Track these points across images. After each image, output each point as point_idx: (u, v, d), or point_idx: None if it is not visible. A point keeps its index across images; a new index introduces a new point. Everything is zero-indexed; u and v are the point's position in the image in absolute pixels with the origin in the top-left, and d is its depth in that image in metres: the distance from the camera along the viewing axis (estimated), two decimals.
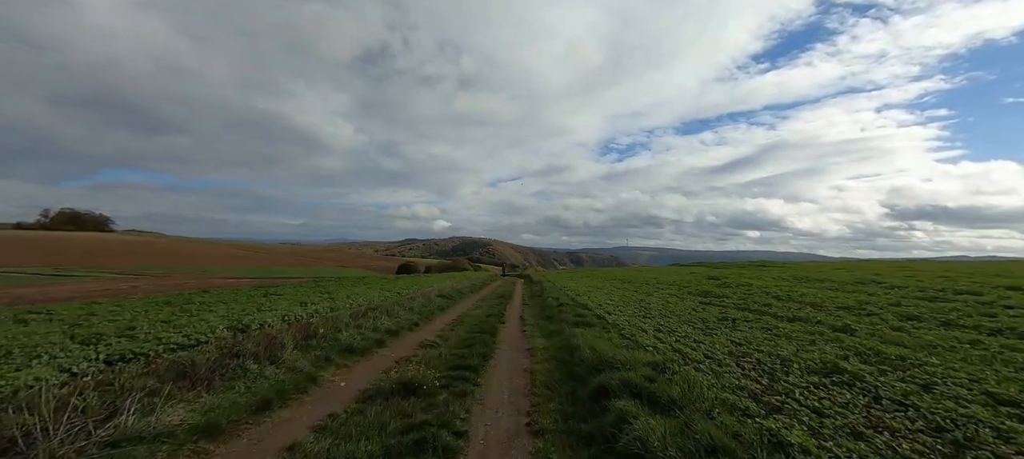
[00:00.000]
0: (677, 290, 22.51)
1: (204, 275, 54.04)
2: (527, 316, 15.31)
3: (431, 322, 13.06)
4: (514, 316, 15.74)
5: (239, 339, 6.72)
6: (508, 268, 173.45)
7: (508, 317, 15.30)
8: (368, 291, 20.57)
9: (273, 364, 6.17)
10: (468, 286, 26.62)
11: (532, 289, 31.46)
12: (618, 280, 34.49)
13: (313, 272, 72.90)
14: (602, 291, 23.36)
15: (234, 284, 33.20)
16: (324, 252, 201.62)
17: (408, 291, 19.82)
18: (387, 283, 28.93)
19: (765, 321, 11.09)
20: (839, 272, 28.65)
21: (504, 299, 22.03)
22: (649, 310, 14.20)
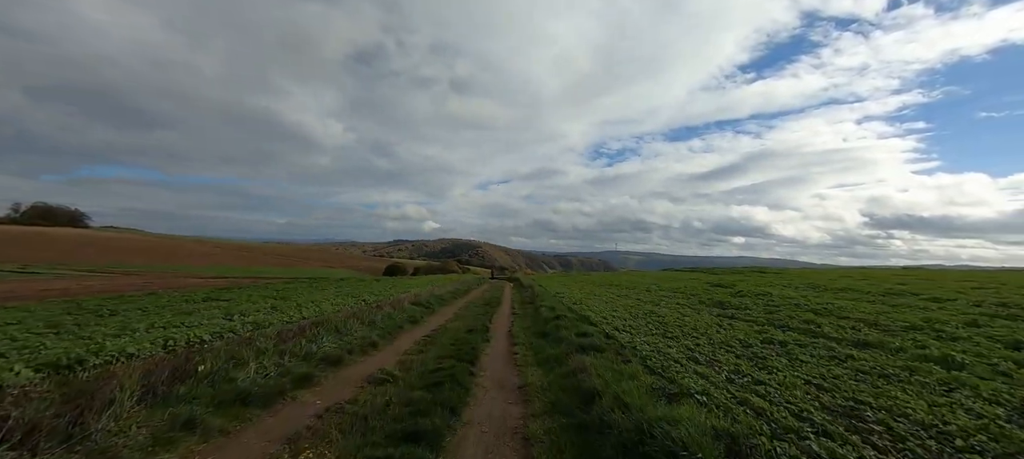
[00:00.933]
0: (685, 298, 20.03)
1: (172, 274, 50.48)
2: (517, 330, 12.62)
3: (395, 340, 10.30)
4: (501, 330, 13.04)
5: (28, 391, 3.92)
6: (497, 270, 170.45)
7: (494, 332, 12.62)
8: (333, 297, 17.75)
9: (67, 443, 3.43)
10: (451, 291, 23.85)
11: (522, 295, 28.80)
12: (615, 286, 31.99)
13: (295, 272, 69.40)
14: (601, 299, 20.79)
15: (198, 285, 30.22)
16: (310, 252, 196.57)
17: (380, 297, 17.03)
18: (363, 286, 26.05)
19: (825, 347, 8.56)
20: (853, 280, 26.45)
21: (491, 307, 19.33)
22: (666, 325, 11.61)
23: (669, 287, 27.48)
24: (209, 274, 53.56)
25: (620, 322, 12.22)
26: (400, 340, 10.32)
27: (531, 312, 17.43)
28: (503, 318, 16.08)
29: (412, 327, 12.46)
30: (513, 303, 22.18)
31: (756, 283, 26.11)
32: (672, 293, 22.92)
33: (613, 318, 13.18)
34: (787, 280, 28.57)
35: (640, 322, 12.45)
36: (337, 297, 17.27)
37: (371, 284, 30.11)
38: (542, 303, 18.45)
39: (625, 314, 14.53)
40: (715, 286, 25.83)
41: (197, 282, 35.03)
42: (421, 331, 11.91)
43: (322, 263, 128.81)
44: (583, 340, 9.19)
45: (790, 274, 39.34)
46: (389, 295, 18.08)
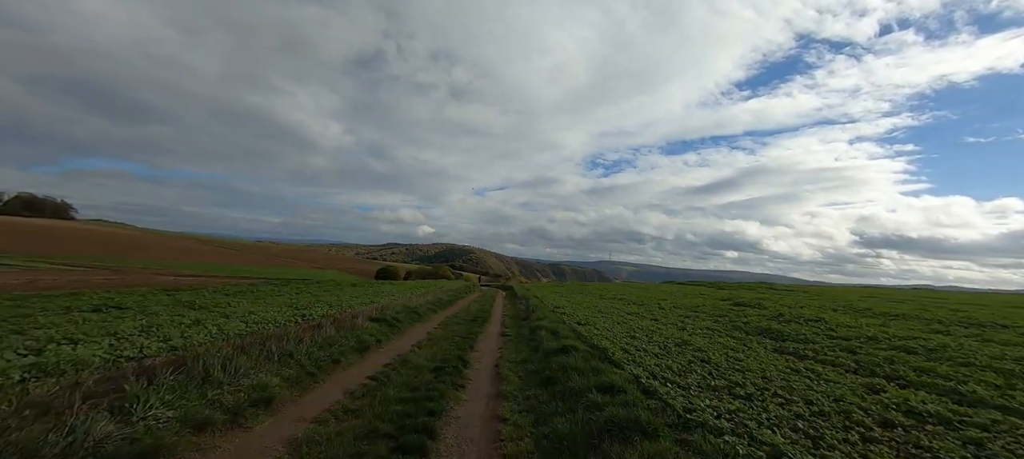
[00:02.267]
0: (711, 320, 16.54)
1: (149, 271, 46.57)
2: (508, 369, 8.94)
3: (308, 392, 6.48)
4: (485, 366, 9.38)
5: None
6: (491, 277, 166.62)
7: (475, 369, 8.99)
8: (284, 307, 14.09)
9: None
10: (432, 301, 20.09)
11: (516, 307, 25.20)
12: (620, 299, 28.46)
13: (280, 272, 65.62)
14: (609, 317, 17.24)
15: (168, 282, 27.42)
16: (299, 252, 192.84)
17: (335, 309, 13.34)
18: (328, 293, 22.32)
19: (955, 411, 5.07)
20: (905, 304, 23.10)
21: (476, 325, 15.73)
22: (716, 366, 8.05)
23: (682, 303, 23.99)
24: (189, 272, 49.80)
25: (652, 361, 8.62)
26: (315, 392, 6.53)
27: (526, 334, 13.83)
28: (490, 343, 12.45)
29: (356, 359, 8.75)
30: (504, 319, 18.55)
31: (783, 303, 22.67)
32: (692, 313, 19.40)
33: (638, 352, 9.59)
34: (818, 300, 25.15)
35: (677, 359, 8.88)
36: (285, 309, 13.57)
37: (342, 290, 26.38)
38: (540, 322, 14.87)
39: (649, 344, 10.96)
40: (737, 305, 22.36)
41: (170, 279, 32.12)
42: (366, 367, 8.26)
43: (312, 264, 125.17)
44: (611, 400, 5.63)
45: (812, 293, 35.97)
46: (350, 305, 14.42)
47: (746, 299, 25.36)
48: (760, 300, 23.36)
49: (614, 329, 13.52)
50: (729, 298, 28.21)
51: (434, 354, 9.30)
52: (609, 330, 13.27)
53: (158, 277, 34.90)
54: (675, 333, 12.89)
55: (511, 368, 8.91)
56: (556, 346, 9.77)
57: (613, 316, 17.73)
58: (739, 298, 26.28)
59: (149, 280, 29.48)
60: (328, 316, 10.95)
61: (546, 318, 15.72)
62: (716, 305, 22.17)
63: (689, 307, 21.97)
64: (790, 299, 25.54)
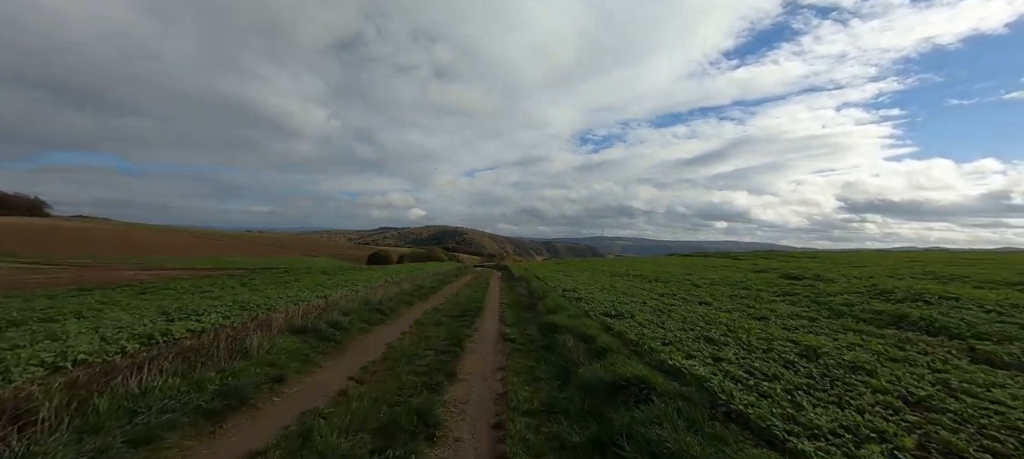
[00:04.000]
0: (783, 302, 12.42)
1: (126, 266, 42.06)
2: (522, 427, 4.57)
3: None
4: (477, 432, 4.94)
5: None
6: (485, 257, 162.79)
7: (457, 418, 4.64)
8: (229, 304, 9.73)
9: None
10: (404, 292, 15.31)
11: (515, 291, 20.95)
12: (635, 276, 24.33)
13: (268, 262, 61.37)
14: (640, 301, 13.06)
15: (144, 277, 24.47)
16: (290, 240, 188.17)
17: (243, 313, 9.02)
18: (279, 285, 17.96)
19: None
20: (921, 265, 19.16)
21: (465, 321, 11.41)
22: (956, 414, 3.89)
23: (721, 281, 19.88)
24: (172, 265, 45.62)
25: (808, 401, 4.36)
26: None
27: (537, 337, 9.54)
28: (484, 358, 8.11)
29: (235, 419, 4.44)
30: (503, 311, 14.23)
31: (839, 272, 18.63)
32: (743, 290, 15.24)
33: (762, 380, 5.30)
34: (871, 268, 21.15)
35: (802, 377, 4.63)
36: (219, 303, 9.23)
37: (306, 277, 22.11)
38: (553, 315, 10.62)
39: (753, 353, 6.71)
40: (788, 278, 18.29)
41: (146, 275, 28.50)
42: (278, 415, 3.94)
43: (301, 251, 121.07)
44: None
45: (841, 260, 32.00)
46: (297, 298, 10.10)
47: (790, 270, 21.30)
48: (816, 273, 19.22)
49: (667, 323, 9.28)
50: (763, 269, 24.17)
51: (369, 413, 4.75)
52: (660, 325, 9.05)
53: (121, 273, 30.53)
54: (776, 331, 8.60)
55: (531, 431, 4.54)
56: (603, 376, 5.34)
57: (646, 300, 13.51)
58: (784, 269, 22.18)
59: (111, 277, 25.36)
60: (218, 327, 6.55)
61: (561, 309, 11.44)
62: (764, 281, 18.07)
63: (732, 284, 17.85)
64: (841, 269, 21.53)
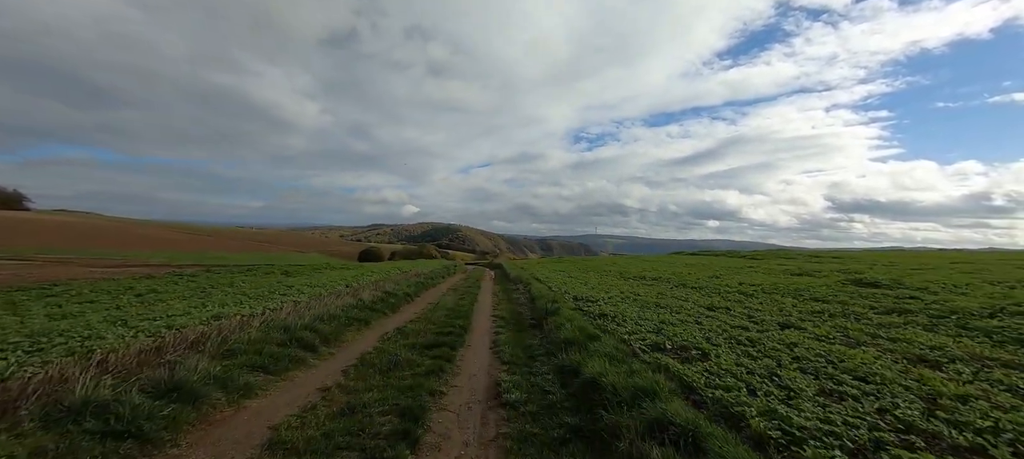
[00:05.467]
0: (907, 323, 8.60)
1: (104, 262, 37.90)
2: None
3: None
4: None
5: None
6: (478, 255, 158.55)
7: None
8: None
9: None
10: (369, 300, 11.43)
11: (511, 298, 16.96)
12: (654, 279, 20.41)
13: (256, 258, 57.21)
14: (692, 320, 9.16)
15: (120, 273, 21.79)
16: (281, 236, 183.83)
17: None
18: (239, 287, 13.90)
19: None
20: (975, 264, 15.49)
21: (441, 353, 7.43)
22: None
23: (758, 285, 16.03)
24: (156, 261, 41.49)
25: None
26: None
27: (554, 387, 5.59)
28: (464, 451, 4.17)
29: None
30: (495, 330, 10.22)
31: (907, 274, 14.82)
32: (799, 301, 11.33)
33: None
34: (934, 272, 17.39)
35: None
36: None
37: (270, 278, 18.07)
38: (576, 348, 6.70)
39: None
40: (861, 285, 14.45)
41: (125, 270, 25.24)
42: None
43: (292, 248, 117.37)
44: None
45: (882, 259, 28.20)
46: (227, 313, 6.14)
47: (858, 272, 17.46)
48: (892, 278, 15.36)
49: (782, 374, 5.31)
50: (808, 271, 20.35)
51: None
52: (775, 378, 5.11)
53: (91, 269, 26.36)
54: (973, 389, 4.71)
55: None
56: None
57: (700, 320, 9.53)
58: (853, 272, 18.27)
59: (77, 273, 21.39)
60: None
61: (586, 338, 7.44)
62: (828, 287, 14.21)
63: (783, 291, 13.97)
64: (906, 273, 17.72)
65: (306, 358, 6.56)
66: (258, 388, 5.20)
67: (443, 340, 8.37)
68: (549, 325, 9.61)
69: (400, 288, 14.98)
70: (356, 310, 10.05)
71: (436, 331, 9.32)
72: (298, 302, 9.93)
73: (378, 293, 12.71)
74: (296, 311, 8.67)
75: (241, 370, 5.40)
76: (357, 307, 10.38)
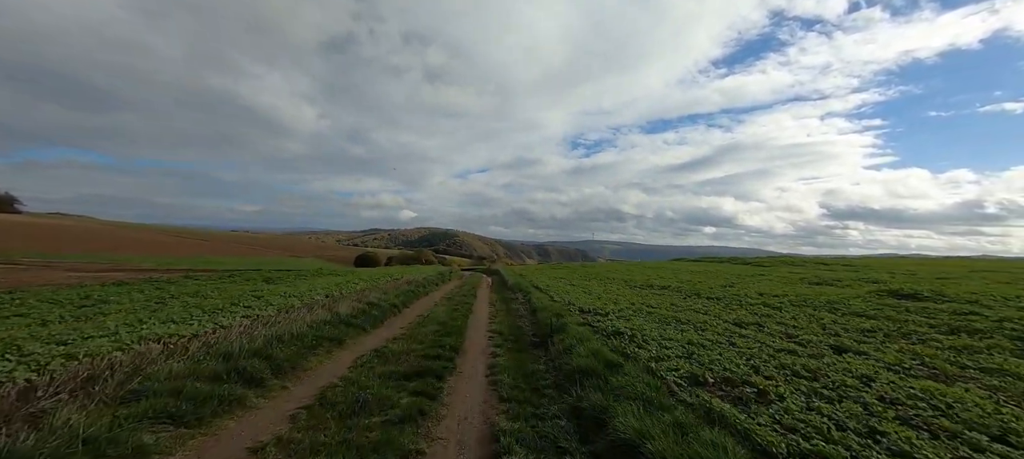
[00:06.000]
0: (993, 351, 7.16)
1: (89, 266, 36.26)
2: None
3: None
4: None
5: None
6: (475, 260, 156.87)
7: None
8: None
9: None
10: (347, 314, 9.92)
11: (510, 308, 15.45)
12: (663, 289, 18.95)
13: (251, 262, 55.53)
14: (724, 339, 7.69)
15: (96, 278, 21.31)
16: (276, 240, 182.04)
17: None
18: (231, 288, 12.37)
19: None
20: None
21: (425, 388, 5.92)
22: None
23: (784, 296, 14.59)
24: (145, 266, 39.86)
25: None
26: None
27: (573, 445, 4.11)
28: None
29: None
30: (493, 352, 8.69)
31: (945, 282, 13.40)
32: (837, 316, 9.87)
33: None
34: (977, 282, 16.02)
35: None
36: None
37: (248, 285, 16.53)
38: (596, 381, 5.24)
39: None
40: (902, 296, 13.02)
41: (106, 275, 24.49)
42: None
43: (287, 252, 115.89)
44: None
45: (924, 265, 26.83)
46: (173, 332, 4.65)
47: (880, 280, 16.04)
48: (934, 290, 13.93)
49: (878, 425, 3.84)
50: (828, 281, 18.94)
51: None
52: (870, 434, 3.63)
53: (73, 274, 24.78)
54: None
55: None
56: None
57: (734, 340, 8.05)
58: (876, 280, 16.83)
59: (56, 278, 19.96)
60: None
61: (603, 365, 5.95)
62: (864, 300, 12.77)
63: (815, 304, 12.53)
64: (941, 282, 16.31)
65: (246, 397, 5.02)
66: (156, 452, 3.68)
67: (429, 366, 6.85)
68: (556, 346, 8.11)
69: (386, 298, 13.40)
70: (329, 327, 8.50)
71: (422, 352, 7.79)
72: (260, 317, 8.40)
73: (360, 304, 11.14)
74: (250, 330, 7.14)
75: (139, 423, 3.88)
76: (330, 322, 8.84)
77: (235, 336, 6.80)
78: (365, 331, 9.37)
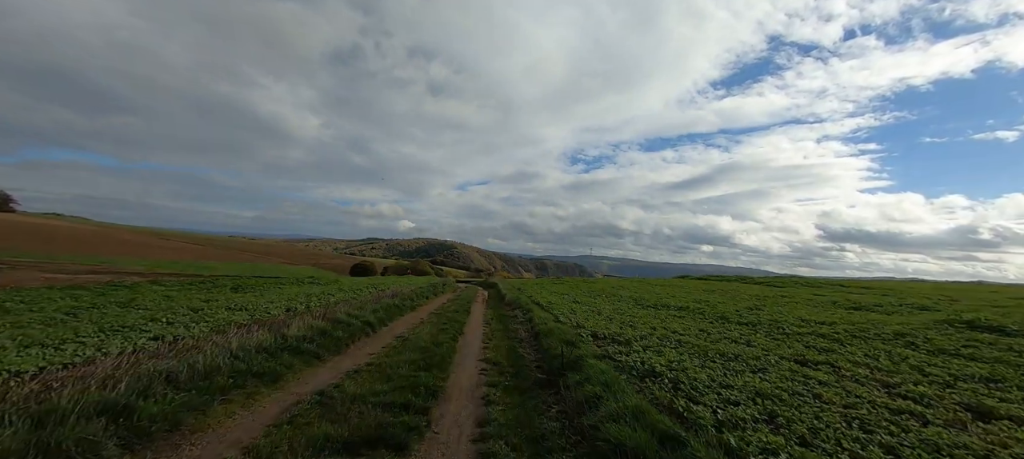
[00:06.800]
0: None
1: (75, 267, 34.09)
2: None
3: None
4: None
5: None
6: (472, 272, 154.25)
7: None
8: None
9: None
10: (296, 336, 7.75)
11: (508, 328, 13.11)
12: (680, 311, 16.69)
13: (242, 269, 53.26)
14: (806, 390, 5.51)
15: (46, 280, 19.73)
16: (271, 246, 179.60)
17: None
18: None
19: None
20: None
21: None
22: None
23: (836, 324, 12.35)
24: (125, 269, 37.60)
25: None
26: None
27: None
28: None
29: None
30: (483, 399, 6.45)
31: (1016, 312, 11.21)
32: (918, 354, 7.66)
33: None
34: None
35: None
36: None
37: (219, 293, 14.27)
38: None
39: None
40: (981, 328, 10.80)
41: (75, 278, 22.99)
42: None
43: (283, 259, 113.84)
44: None
45: (947, 290, 24.58)
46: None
47: (946, 311, 13.80)
48: (1002, 322, 11.70)
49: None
50: (865, 306, 16.72)
51: None
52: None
53: (48, 276, 22.63)
54: None
55: None
56: None
57: (820, 392, 5.83)
58: (935, 308, 14.56)
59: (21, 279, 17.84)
60: None
61: (674, 448, 3.78)
62: (944, 335, 10.55)
63: (876, 334, 10.31)
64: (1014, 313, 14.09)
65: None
66: None
67: (389, 426, 4.60)
68: (573, 392, 5.86)
69: (361, 314, 11.06)
70: (263, 357, 6.23)
71: (386, 395, 5.53)
72: (177, 339, 6.15)
73: (320, 323, 8.83)
74: (134, 364, 4.89)
75: None
76: (269, 350, 6.57)
77: (111, 368, 4.55)
78: (318, 361, 7.08)
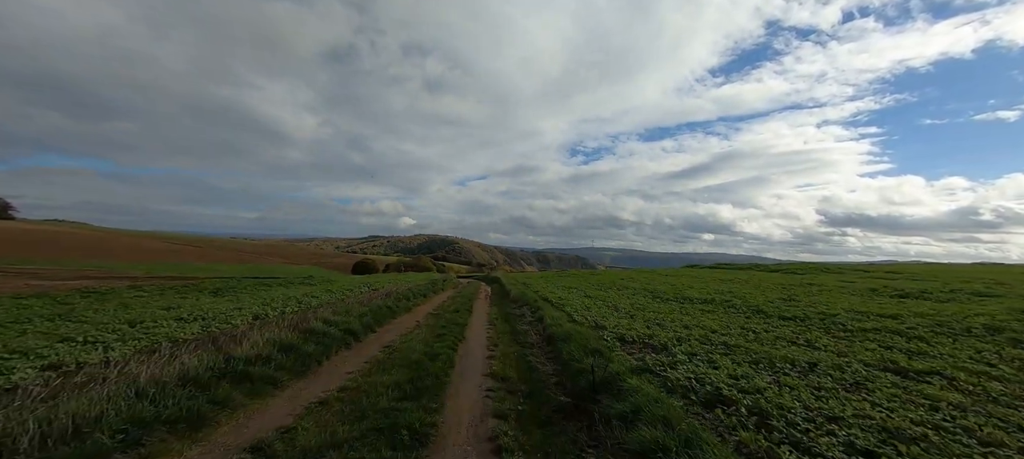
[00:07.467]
0: None
1: (70, 273, 32.85)
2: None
3: None
4: None
5: None
6: (474, 267, 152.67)
7: None
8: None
9: None
10: (262, 354, 6.19)
11: (516, 330, 11.42)
12: (709, 303, 15.01)
13: (244, 269, 51.98)
14: (840, 385, 3.87)
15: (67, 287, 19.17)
16: (272, 247, 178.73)
17: None
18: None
19: None
20: None
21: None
22: None
23: (871, 314, 10.64)
24: (117, 272, 36.35)
25: None
26: None
27: None
28: None
29: None
30: (492, 445, 4.84)
31: None
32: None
33: None
34: None
35: None
36: None
37: (201, 300, 12.68)
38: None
39: None
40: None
41: (62, 284, 21.76)
42: None
43: (284, 259, 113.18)
44: None
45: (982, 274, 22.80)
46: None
47: (992, 291, 12.06)
48: None
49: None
50: (910, 294, 15.02)
51: None
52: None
53: (29, 282, 21.21)
54: None
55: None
56: None
57: (923, 410, 4.19)
58: (997, 295, 12.84)
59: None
60: None
61: None
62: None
63: (949, 327, 8.62)
64: None
65: None
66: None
67: None
68: (618, 435, 4.19)
69: (345, 320, 9.35)
70: (188, 393, 4.55)
71: (353, 448, 3.89)
72: (78, 366, 4.49)
73: (286, 335, 7.13)
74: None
75: None
76: (200, 380, 4.89)
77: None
78: (273, 388, 5.41)
